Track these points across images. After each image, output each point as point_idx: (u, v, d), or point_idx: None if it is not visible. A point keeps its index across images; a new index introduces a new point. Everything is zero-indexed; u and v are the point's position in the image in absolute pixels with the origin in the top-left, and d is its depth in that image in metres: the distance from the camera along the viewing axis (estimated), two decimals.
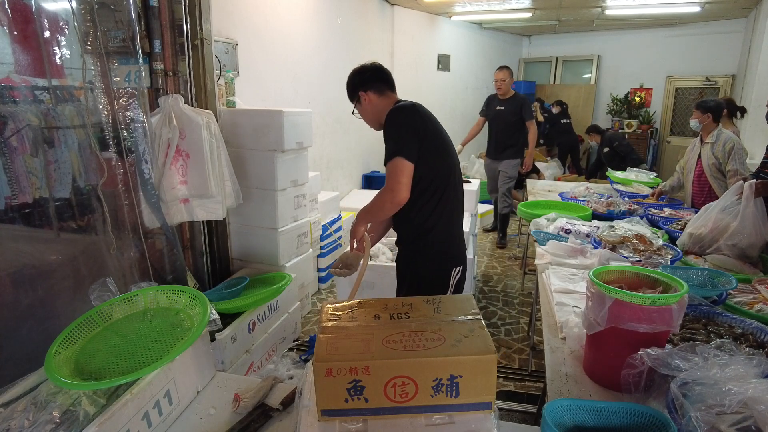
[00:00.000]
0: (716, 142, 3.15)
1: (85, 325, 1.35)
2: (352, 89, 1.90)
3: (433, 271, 1.88)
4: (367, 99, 1.87)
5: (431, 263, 1.88)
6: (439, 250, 1.87)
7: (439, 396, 1.02)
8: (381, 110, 1.84)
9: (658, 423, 1.00)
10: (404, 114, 1.75)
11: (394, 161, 1.69)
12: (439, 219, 1.83)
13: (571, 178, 6.83)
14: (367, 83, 1.87)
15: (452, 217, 1.89)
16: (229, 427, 1.23)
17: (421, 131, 1.74)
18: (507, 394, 2.62)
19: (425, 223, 1.82)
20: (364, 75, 1.88)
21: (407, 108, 1.77)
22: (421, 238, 1.85)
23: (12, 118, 1.80)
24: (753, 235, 2.05)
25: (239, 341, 2.50)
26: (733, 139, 3.12)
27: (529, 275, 4.09)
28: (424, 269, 1.89)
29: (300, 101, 4.33)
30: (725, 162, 3.09)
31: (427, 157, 1.74)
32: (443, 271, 1.88)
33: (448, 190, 1.83)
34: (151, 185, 2.37)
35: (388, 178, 1.71)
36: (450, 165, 1.84)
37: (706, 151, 3.20)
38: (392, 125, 1.75)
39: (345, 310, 1.22)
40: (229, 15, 3.33)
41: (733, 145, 3.07)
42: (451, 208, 1.87)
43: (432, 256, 1.87)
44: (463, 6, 6.33)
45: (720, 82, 7.36)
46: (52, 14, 1.97)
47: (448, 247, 1.90)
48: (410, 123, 1.74)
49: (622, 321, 1.16)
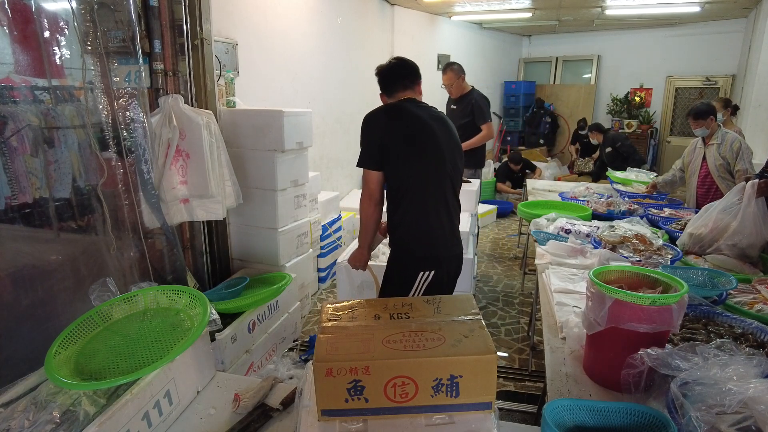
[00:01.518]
0: (722, 143, 3.14)
1: (85, 325, 1.35)
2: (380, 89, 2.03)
3: (398, 270, 1.93)
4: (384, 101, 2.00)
5: (396, 262, 1.94)
6: (406, 250, 1.90)
7: (439, 396, 1.02)
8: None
9: (658, 423, 1.00)
10: (364, 124, 1.87)
11: (363, 170, 1.88)
12: (403, 218, 1.86)
13: (572, 178, 6.83)
14: (381, 86, 2.00)
15: (425, 218, 1.86)
16: (229, 427, 1.23)
17: (381, 140, 1.82)
18: (507, 394, 2.62)
19: (391, 221, 1.92)
20: (378, 78, 1.99)
21: (369, 118, 1.87)
22: (391, 236, 1.95)
23: (12, 118, 1.79)
24: (753, 235, 2.05)
25: (239, 341, 2.50)
26: (739, 139, 3.11)
27: (529, 275, 4.09)
28: (389, 268, 1.98)
29: (300, 101, 4.32)
30: (733, 162, 3.07)
31: (393, 162, 1.82)
32: (408, 273, 1.88)
33: (417, 191, 1.83)
34: (151, 185, 2.37)
35: (362, 185, 1.91)
36: (425, 166, 1.83)
37: (712, 152, 3.19)
38: (361, 134, 1.88)
39: (345, 310, 1.22)
40: (229, 15, 3.33)
41: (740, 145, 3.07)
42: (424, 209, 1.85)
43: (398, 256, 1.93)
44: (463, 6, 6.33)
45: (720, 82, 7.35)
46: (52, 14, 1.97)
47: (415, 247, 1.88)
48: (367, 133, 1.86)
49: (622, 321, 1.16)
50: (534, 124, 8.51)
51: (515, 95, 8.57)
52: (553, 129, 8.59)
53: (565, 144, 8.66)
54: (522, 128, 8.69)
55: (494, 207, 6.27)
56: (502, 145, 8.69)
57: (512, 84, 8.65)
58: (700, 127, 3.21)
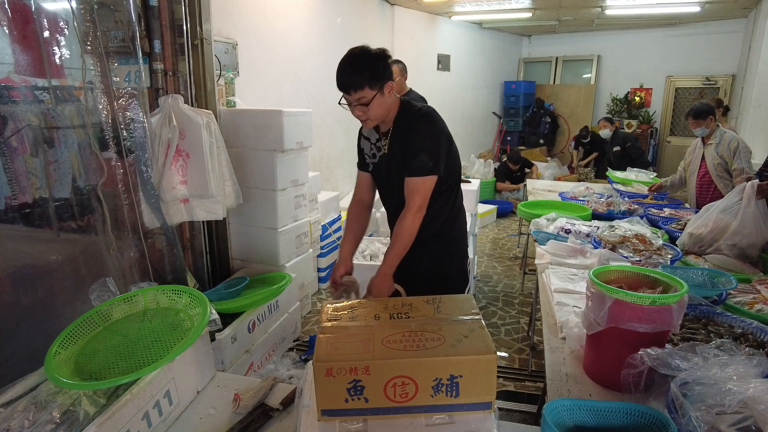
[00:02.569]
0: (720, 143, 3.14)
1: (85, 325, 1.35)
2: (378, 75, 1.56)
3: (457, 265, 1.87)
4: (391, 90, 1.61)
5: (453, 259, 1.85)
6: (459, 246, 1.87)
7: (439, 396, 1.02)
8: (391, 106, 1.67)
9: (658, 423, 1.00)
10: (441, 125, 1.65)
11: (427, 180, 1.59)
12: (458, 215, 1.83)
13: (572, 178, 6.83)
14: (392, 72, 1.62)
15: (464, 212, 1.89)
16: (229, 427, 1.23)
17: (451, 141, 1.69)
18: (507, 394, 2.62)
19: (448, 220, 1.79)
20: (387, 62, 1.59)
21: (439, 117, 1.67)
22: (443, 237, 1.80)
23: (12, 118, 1.79)
24: (753, 235, 2.05)
25: (239, 341, 2.50)
26: (737, 138, 3.12)
27: (529, 275, 4.09)
28: (447, 266, 1.84)
29: (300, 101, 4.33)
30: (731, 161, 3.08)
31: (449, 165, 1.70)
32: (464, 265, 1.89)
33: (459, 186, 1.84)
34: (150, 185, 2.37)
35: (417, 197, 1.59)
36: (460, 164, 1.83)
37: (711, 152, 3.20)
38: (430, 136, 1.61)
39: (345, 310, 1.22)
40: (229, 15, 3.33)
41: (737, 144, 3.07)
42: (462, 203, 1.87)
43: (454, 253, 1.85)
44: (463, 6, 6.33)
45: (720, 82, 7.35)
46: (51, 14, 1.97)
47: (465, 242, 1.91)
48: (446, 136, 1.65)
49: (622, 321, 1.16)
50: (534, 124, 8.51)
51: (515, 95, 8.57)
52: (553, 129, 8.59)
53: (565, 144, 8.67)
54: (522, 128, 8.69)
55: (494, 207, 6.27)
56: (502, 145, 8.69)
57: (512, 84, 8.66)
58: (699, 126, 3.21)
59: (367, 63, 1.55)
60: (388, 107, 1.64)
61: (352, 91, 1.55)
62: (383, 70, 1.57)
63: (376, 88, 1.56)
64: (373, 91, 1.56)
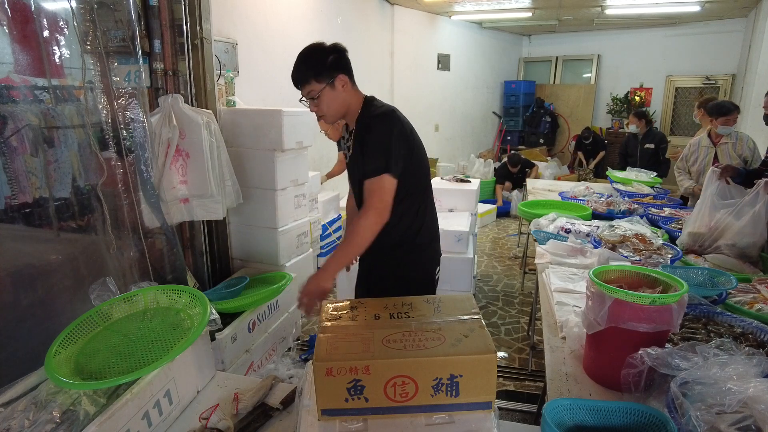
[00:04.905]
0: (737, 141, 3.11)
1: (85, 324, 1.35)
2: (326, 68, 1.55)
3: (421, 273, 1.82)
4: (345, 84, 1.59)
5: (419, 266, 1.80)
6: (432, 250, 1.85)
7: (439, 395, 1.02)
8: (350, 102, 1.63)
9: (658, 422, 1.00)
10: (400, 125, 1.59)
11: (381, 179, 1.51)
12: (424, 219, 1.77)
13: (572, 178, 6.83)
14: (346, 66, 1.60)
15: (434, 218, 1.84)
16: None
17: (411, 143, 1.63)
18: (507, 393, 2.62)
19: (411, 227, 1.73)
20: (343, 54, 1.59)
21: (400, 118, 1.62)
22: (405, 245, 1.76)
23: (12, 118, 1.79)
24: (753, 235, 2.05)
25: (239, 341, 2.50)
26: (749, 136, 3.09)
27: (529, 275, 4.09)
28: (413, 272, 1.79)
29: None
30: (751, 160, 3.05)
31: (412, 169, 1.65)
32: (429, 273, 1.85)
33: (428, 189, 1.80)
34: (150, 185, 2.37)
35: (374, 198, 1.52)
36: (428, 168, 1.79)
37: (726, 152, 3.14)
38: (384, 135, 1.55)
39: (345, 309, 1.22)
40: (229, 15, 3.33)
41: (753, 143, 3.05)
42: (432, 209, 1.82)
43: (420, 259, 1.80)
44: (463, 5, 6.33)
45: (720, 81, 7.35)
46: (51, 14, 1.97)
47: (436, 246, 1.86)
48: (404, 136, 1.59)
49: (622, 320, 1.16)
50: (534, 123, 8.51)
51: (515, 95, 8.57)
52: (553, 129, 8.59)
53: (565, 144, 8.67)
54: (522, 128, 8.69)
55: (494, 207, 6.27)
56: (502, 145, 8.69)
57: (512, 84, 8.66)
58: (731, 124, 3.13)
59: (314, 57, 1.56)
60: (344, 102, 1.62)
61: (299, 86, 1.59)
62: (333, 63, 1.56)
63: (323, 82, 1.55)
64: (320, 85, 1.55)
